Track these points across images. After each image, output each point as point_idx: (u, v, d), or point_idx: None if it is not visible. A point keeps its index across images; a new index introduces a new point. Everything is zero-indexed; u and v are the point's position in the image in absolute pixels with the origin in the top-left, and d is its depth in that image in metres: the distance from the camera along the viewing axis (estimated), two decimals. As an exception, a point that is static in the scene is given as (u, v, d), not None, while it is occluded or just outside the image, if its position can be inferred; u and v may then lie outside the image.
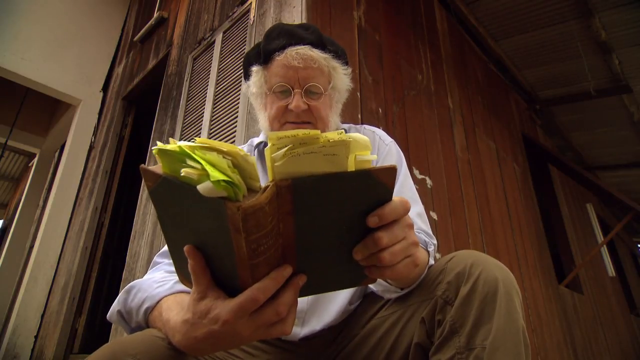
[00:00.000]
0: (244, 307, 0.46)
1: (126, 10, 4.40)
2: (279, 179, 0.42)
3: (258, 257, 0.44)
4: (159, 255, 0.83)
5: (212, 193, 0.39)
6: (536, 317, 3.07)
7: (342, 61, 0.95)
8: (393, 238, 0.49)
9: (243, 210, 0.39)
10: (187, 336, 0.51)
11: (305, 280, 0.50)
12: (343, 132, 0.42)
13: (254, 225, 0.41)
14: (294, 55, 0.87)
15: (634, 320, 6.13)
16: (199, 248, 0.48)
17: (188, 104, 2.51)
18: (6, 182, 7.20)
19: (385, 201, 0.48)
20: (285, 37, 0.90)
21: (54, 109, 5.33)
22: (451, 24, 3.51)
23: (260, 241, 0.42)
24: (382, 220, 0.47)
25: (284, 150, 0.41)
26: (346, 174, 0.43)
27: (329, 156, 0.42)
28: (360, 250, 0.49)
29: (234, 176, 0.40)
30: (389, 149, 0.96)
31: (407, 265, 0.52)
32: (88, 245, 3.14)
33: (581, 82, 4.33)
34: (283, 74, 0.88)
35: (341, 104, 1.01)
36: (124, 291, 0.71)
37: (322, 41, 0.91)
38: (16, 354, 3.13)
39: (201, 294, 0.49)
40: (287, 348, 0.83)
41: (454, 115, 3.02)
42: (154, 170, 0.45)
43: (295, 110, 0.87)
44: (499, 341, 0.59)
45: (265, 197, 0.40)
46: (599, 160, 5.95)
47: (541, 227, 3.94)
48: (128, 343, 0.55)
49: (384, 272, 0.50)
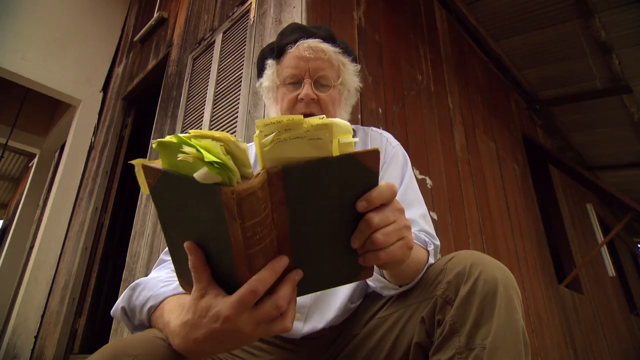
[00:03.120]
0: (244, 300, 0.46)
1: (126, 11, 4.40)
2: (270, 166, 0.43)
3: (254, 246, 0.44)
4: (166, 253, 0.84)
5: (207, 178, 0.41)
6: (536, 317, 3.07)
7: (352, 58, 0.99)
8: (384, 219, 0.49)
9: (237, 194, 0.40)
10: (186, 339, 0.51)
11: (302, 276, 0.50)
12: (324, 117, 0.44)
13: (248, 210, 0.42)
14: (305, 46, 0.92)
15: (634, 320, 6.13)
16: (199, 245, 0.48)
17: (188, 104, 2.51)
18: (6, 182, 7.20)
19: (372, 186, 0.49)
20: (297, 33, 0.95)
21: (54, 109, 5.33)
22: (451, 24, 3.51)
23: (256, 229, 0.43)
24: (370, 204, 0.48)
25: (270, 137, 0.42)
26: (332, 158, 0.44)
27: (314, 140, 0.43)
28: (356, 236, 0.50)
29: (227, 160, 0.41)
30: (395, 151, 0.97)
31: (401, 247, 0.52)
32: (88, 246, 3.14)
33: (581, 82, 4.33)
34: (294, 65, 0.92)
35: (350, 105, 1.03)
36: (129, 288, 0.71)
37: (333, 37, 0.96)
38: (16, 354, 3.13)
39: (202, 291, 0.49)
40: (288, 348, 0.83)
41: (454, 115, 3.02)
42: (154, 166, 0.46)
43: (305, 98, 0.90)
44: (499, 341, 0.59)
45: (258, 182, 0.42)
46: (599, 160, 5.95)
47: (541, 227, 3.94)
48: (129, 343, 0.55)
49: (379, 255, 0.50)
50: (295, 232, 0.48)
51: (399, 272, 0.70)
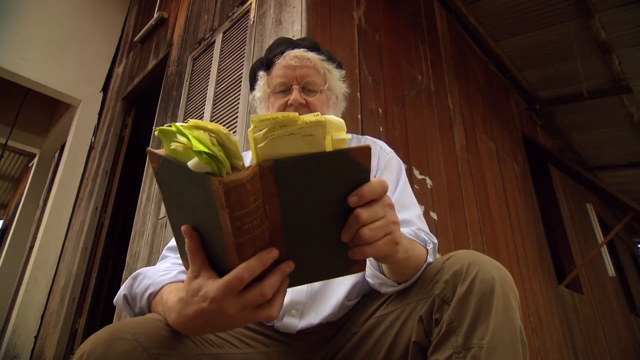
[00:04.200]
0: (230, 285, 0.48)
1: (126, 11, 4.40)
2: (262, 160, 0.45)
3: (243, 235, 0.46)
4: (167, 249, 0.89)
5: (198, 167, 0.43)
6: (536, 317, 3.07)
7: (336, 64, 1.05)
8: (373, 215, 0.51)
9: (224, 184, 0.42)
10: (180, 314, 0.54)
11: (293, 268, 0.52)
12: (318, 114, 0.45)
13: (236, 201, 0.43)
14: (292, 56, 0.99)
15: (634, 320, 6.13)
16: (195, 229, 0.51)
17: (188, 104, 2.51)
18: (6, 182, 7.20)
19: (364, 182, 0.50)
20: (284, 45, 1.03)
21: (54, 109, 5.34)
22: (451, 24, 3.51)
23: (244, 219, 0.45)
24: (362, 199, 0.50)
25: (263, 132, 0.44)
26: (324, 153, 0.46)
27: (307, 137, 0.44)
28: (346, 230, 0.51)
29: (216, 151, 0.43)
30: (389, 157, 1.01)
31: (387, 242, 0.53)
32: (88, 246, 3.14)
33: (581, 82, 4.33)
34: (283, 73, 0.99)
35: (340, 110, 1.08)
36: (131, 277, 0.75)
37: (317, 47, 1.03)
38: (16, 354, 3.13)
39: (195, 272, 0.52)
40: (285, 341, 0.84)
41: (454, 115, 3.02)
42: (157, 152, 0.50)
43: (294, 103, 0.96)
44: (496, 340, 0.59)
45: (247, 175, 0.43)
46: (599, 160, 5.95)
47: (541, 227, 3.94)
48: (128, 323, 0.59)
49: (365, 250, 0.52)
50: (288, 224, 0.49)
51: (398, 269, 0.71)
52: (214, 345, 0.72)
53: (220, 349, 0.73)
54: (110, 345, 0.55)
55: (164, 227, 2.27)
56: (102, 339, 0.56)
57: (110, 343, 0.55)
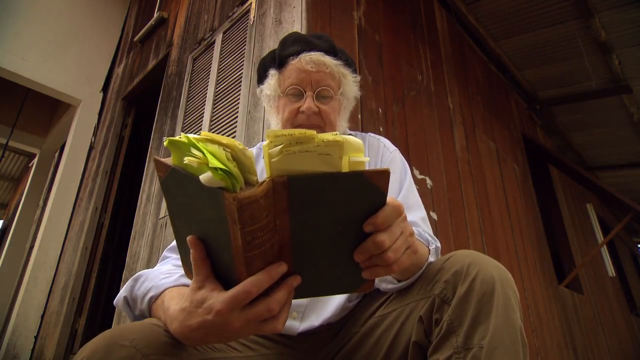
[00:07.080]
0: (237, 299, 0.48)
1: (126, 11, 4.40)
2: (276, 175, 0.44)
3: (253, 250, 0.45)
4: (168, 250, 0.87)
5: (211, 183, 0.42)
6: (536, 317, 3.06)
7: (352, 69, 1.01)
8: (393, 238, 0.51)
9: (239, 200, 0.41)
10: (182, 324, 0.53)
11: (300, 282, 0.51)
12: (337, 134, 0.44)
13: (249, 217, 0.43)
14: (308, 60, 0.93)
15: (634, 320, 6.13)
16: (201, 240, 0.51)
17: (188, 104, 2.51)
18: (6, 182, 7.20)
19: (379, 205, 0.49)
20: (300, 44, 0.96)
21: (54, 109, 5.34)
22: (451, 24, 3.51)
23: (255, 234, 0.44)
24: (377, 229, 0.50)
25: (279, 148, 0.43)
26: (340, 174, 0.45)
27: (323, 155, 0.44)
28: (361, 252, 0.51)
29: (231, 167, 0.42)
30: (392, 156, 0.99)
31: (409, 255, 0.55)
32: (88, 246, 3.14)
33: (581, 82, 4.32)
34: (296, 77, 0.94)
35: (349, 111, 1.05)
36: (132, 279, 0.74)
37: (334, 49, 0.98)
38: (16, 354, 3.13)
39: (199, 283, 0.52)
40: (286, 343, 0.84)
41: (454, 115, 3.02)
42: (165, 161, 0.49)
43: (307, 111, 0.92)
44: (497, 340, 0.59)
45: (261, 191, 0.42)
46: (599, 160, 5.95)
47: (541, 227, 3.94)
48: (126, 329, 0.58)
49: (391, 269, 0.52)
50: (297, 239, 0.49)
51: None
52: (215, 350, 0.72)
53: (221, 352, 0.72)
54: (109, 351, 0.55)
55: (164, 227, 2.27)
56: (100, 344, 0.56)
57: (109, 349, 0.55)
